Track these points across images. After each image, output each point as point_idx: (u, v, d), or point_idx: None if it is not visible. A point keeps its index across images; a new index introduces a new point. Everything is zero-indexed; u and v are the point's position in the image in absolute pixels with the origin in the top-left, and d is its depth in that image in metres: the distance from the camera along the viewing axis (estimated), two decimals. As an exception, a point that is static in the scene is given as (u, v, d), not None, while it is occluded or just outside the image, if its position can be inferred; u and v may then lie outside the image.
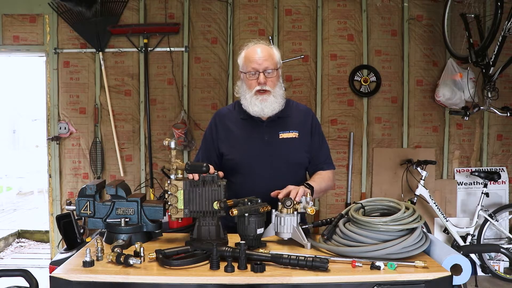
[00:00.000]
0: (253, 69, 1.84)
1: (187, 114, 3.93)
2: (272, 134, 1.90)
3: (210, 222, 1.51)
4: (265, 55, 1.84)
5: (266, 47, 1.89)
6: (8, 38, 3.94)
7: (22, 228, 5.49)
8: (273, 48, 1.93)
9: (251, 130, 1.91)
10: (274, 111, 1.88)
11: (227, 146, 1.92)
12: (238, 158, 1.89)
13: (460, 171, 4.03)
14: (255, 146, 1.89)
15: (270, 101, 1.85)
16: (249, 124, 1.92)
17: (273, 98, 1.86)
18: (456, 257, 1.32)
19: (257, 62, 1.83)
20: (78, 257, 1.38)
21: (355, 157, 4.01)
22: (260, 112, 1.86)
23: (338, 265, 1.32)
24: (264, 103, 1.84)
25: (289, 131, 1.91)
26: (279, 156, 1.88)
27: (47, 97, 4.00)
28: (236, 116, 1.95)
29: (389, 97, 4.01)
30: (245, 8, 3.96)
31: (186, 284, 1.23)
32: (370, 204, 1.56)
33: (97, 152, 3.95)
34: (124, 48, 3.94)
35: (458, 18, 3.65)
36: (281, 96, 1.89)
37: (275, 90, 1.87)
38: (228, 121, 1.96)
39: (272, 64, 1.85)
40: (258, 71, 1.84)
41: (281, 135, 1.90)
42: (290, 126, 1.92)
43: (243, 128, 1.92)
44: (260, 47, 1.88)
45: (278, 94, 1.88)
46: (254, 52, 1.86)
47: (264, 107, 1.85)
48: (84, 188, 1.58)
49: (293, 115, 1.95)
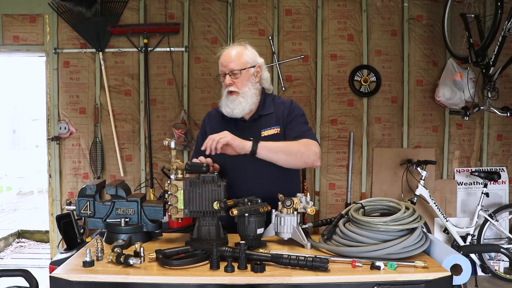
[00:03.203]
0: (221, 71, 1.91)
1: (187, 114, 3.93)
2: (254, 132, 1.89)
3: (210, 222, 1.51)
4: (231, 57, 1.88)
5: (237, 47, 1.91)
6: (8, 38, 3.94)
7: (22, 228, 5.50)
8: (247, 48, 1.93)
9: (234, 130, 1.87)
10: (244, 111, 1.89)
11: None
12: (223, 160, 1.85)
13: (460, 171, 4.03)
14: None
15: (238, 102, 1.87)
16: (232, 124, 1.93)
17: (241, 98, 1.87)
18: (456, 257, 1.32)
19: (223, 64, 1.89)
20: (78, 257, 1.38)
21: (355, 157, 4.01)
22: (231, 113, 1.89)
23: (338, 265, 1.32)
24: (233, 103, 1.87)
25: (270, 127, 1.91)
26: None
27: (47, 97, 4.00)
28: (220, 117, 1.97)
29: (389, 97, 4.01)
30: (245, 8, 3.97)
31: (186, 284, 1.23)
32: (370, 204, 1.56)
33: (97, 152, 3.95)
34: (124, 48, 3.94)
35: (458, 18, 3.65)
36: (251, 95, 1.89)
37: (243, 90, 1.88)
38: (214, 122, 2.00)
39: (238, 65, 1.87)
40: (224, 73, 1.89)
41: (263, 133, 1.90)
42: (271, 122, 1.92)
43: (226, 128, 1.89)
44: (230, 48, 1.91)
45: (248, 94, 1.88)
46: (223, 55, 1.91)
47: (234, 107, 1.87)
48: (84, 188, 1.58)
49: (276, 111, 1.95)
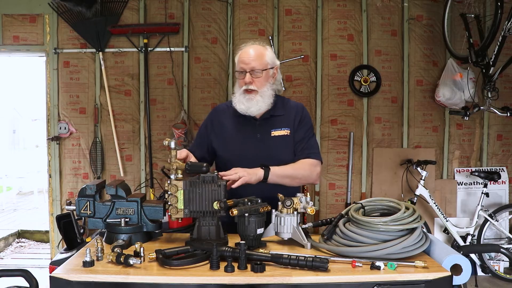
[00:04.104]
0: (241, 68, 1.90)
1: (187, 114, 3.93)
2: (264, 132, 1.92)
3: (210, 222, 1.51)
4: (254, 56, 1.88)
5: (258, 47, 1.92)
6: (8, 38, 3.94)
7: (22, 228, 5.49)
8: (267, 49, 1.94)
9: (244, 128, 1.93)
10: (260, 110, 1.91)
11: (220, 142, 1.95)
12: (230, 154, 1.91)
13: (460, 171, 4.03)
14: (247, 143, 1.91)
15: (256, 101, 1.88)
16: (242, 122, 1.94)
17: (259, 97, 1.88)
18: (456, 257, 1.32)
19: (245, 62, 1.88)
20: (78, 257, 1.38)
21: (355, 157, 4.01)
22: (246, 111, 1.89)
23: (338, 265, 1.32)
24: (250, 102, 1.88)
25: (281, 128, 1.93)
26: (271, 154, 1.90)
27: (47, 97, 4.00)
28: (231, 113, 1.98)
29: (389, 97, 4.01)
30: (245, 8, 3.96)
31: (186, 284, 1.23)
32: (370, 204, 1.56)
33: (97, 152, 3.95)
34: (124, 48, 3.94)
35: (458, 18, 3.65)
36: (269, 96, 1.91)
37: (262, 90, 1.89)
38: (223, 117, 1.99)
39: (260, 65, 1.88)
40: (245, 71, 1.88)
41: (273, 133, 1.93)
42: (282, 124, 1.94)
43: (236, 125, 1.95)
44: (252, 47, 1.91)
45: (266, 95, 1.90)
46: (244, 52, 1.90)
47: (250, 106, 1.88)
48: (84, 188, 1.58)
49: (286, 113, 1.97)
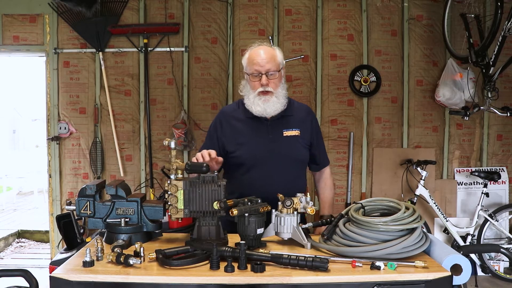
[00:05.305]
0: (256, 71, 1.90)
1: (187, 114, 3.93)
2: (276, 132, 1.95)
3: (210, 222, 1.51)
4: (268, 57, 1.89)
5: (269, 48, 1.94)
6: (8, 38, 3.94)
7: (22, 228, 5.49)
8: (276, 49, 1.97)
9: (256, 129, 1.96)
10: (277, 111, 1.94)
11: (233, 143, 1.97)
12: (244, 155, 1.94)
13: (460, 171, 4.03)
14: (260, 143, 1.94)
15: (272, 102, 1.91)
16: (254, 123, 1.96)
17: (275, 98, 1.91)
18: (456, 257, 1.32)
19: (260, 64, 1.89)
20: (78, 257, 1.38)
21: (355, 157, 4.01)
22: (263, 112, 1.92)
23: (338, 265, 1.32)
24: (267, 103, 1.90)
25: (292, 129, 1.97)
26: (283, 153, 1.94)
27: (47, 97, 4.00)
28: (241, 115, 2.00)
29: (389, 97, 4.01)
30: (245, 8, 3.96)
31: (186, 284, 1.23)
32: (370, 204, 1.56)
33: (97, 152, 3.95)
34: (124, 48, 3.94)
35: (458, 18, 3.65)
36: (283, 96, 1.95)
37: (277, 91, 1.92)
38: (234, 119, 2.01)
39: (275, 66, 1.90)
40: (260, 73, 1.89)
41: (285, 133, 1.96)
42: (292, 124, 1.98)
43: (248, 126, 1.97)
44: (263, 48, 1.92)
45: (281, 95, 1.93)
46: (257, 54, 1.91)
47: (267, 107, 1.91)
48: (84, 188, 1.58)
49: (295, 114, 2.01)
